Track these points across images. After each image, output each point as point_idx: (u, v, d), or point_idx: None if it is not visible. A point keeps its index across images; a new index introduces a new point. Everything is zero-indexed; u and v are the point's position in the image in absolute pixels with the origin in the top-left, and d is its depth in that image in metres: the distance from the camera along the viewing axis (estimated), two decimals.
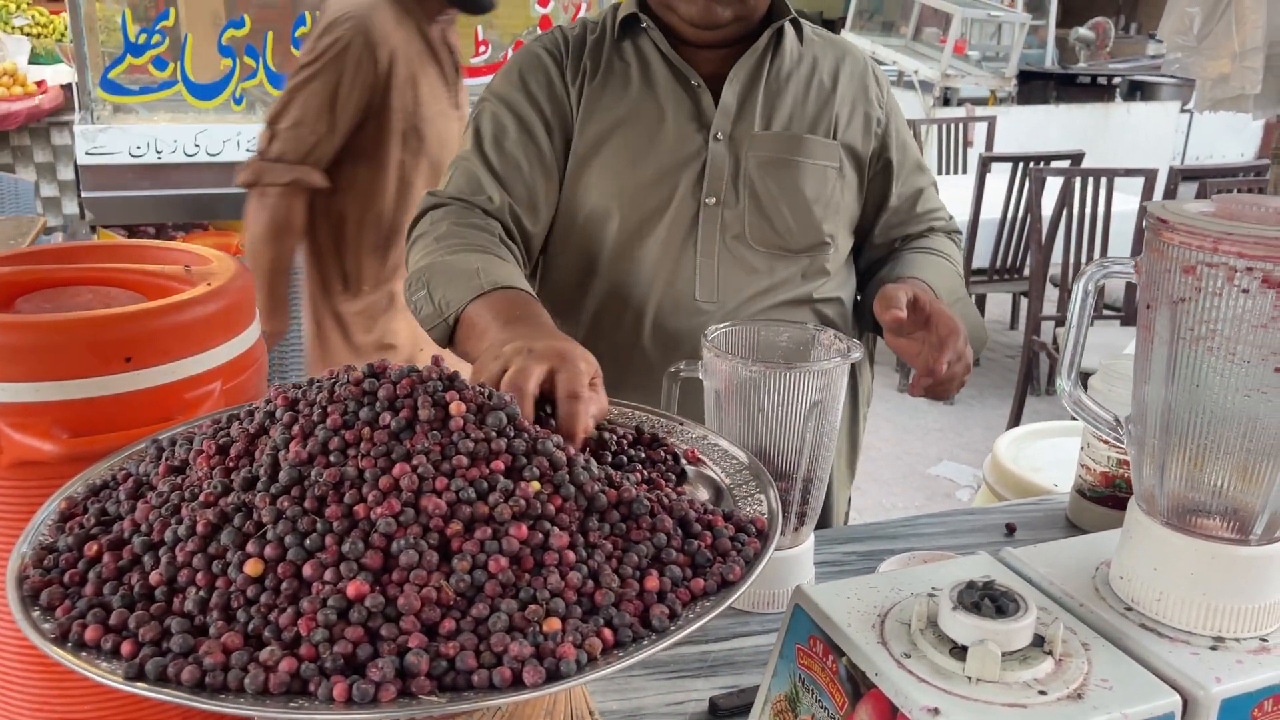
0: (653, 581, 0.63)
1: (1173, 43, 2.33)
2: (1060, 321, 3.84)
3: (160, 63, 2.73)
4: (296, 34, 2.84)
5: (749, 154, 1.27)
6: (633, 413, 0.92)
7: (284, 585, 0.59)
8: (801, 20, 1.36)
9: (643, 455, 0.84)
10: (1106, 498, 1.18)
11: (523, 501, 0.64)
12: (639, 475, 0.78)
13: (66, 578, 0.63)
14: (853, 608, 0.71)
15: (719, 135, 1.27)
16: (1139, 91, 8.46)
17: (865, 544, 1.17)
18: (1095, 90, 8.21)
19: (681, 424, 0.90)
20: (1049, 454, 1.75)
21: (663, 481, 0.80)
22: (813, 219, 1.29)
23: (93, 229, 2.77)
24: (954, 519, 1.25)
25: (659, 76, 1.29)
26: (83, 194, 2.76)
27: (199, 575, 0.60)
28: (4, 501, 0.86)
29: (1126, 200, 3.88)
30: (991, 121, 5.39)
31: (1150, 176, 3.75)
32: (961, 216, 4.11)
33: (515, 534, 0.62)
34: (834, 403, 0.96)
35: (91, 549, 0.65)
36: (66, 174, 5.05)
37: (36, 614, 0.60)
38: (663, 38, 1.29)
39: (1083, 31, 9.01)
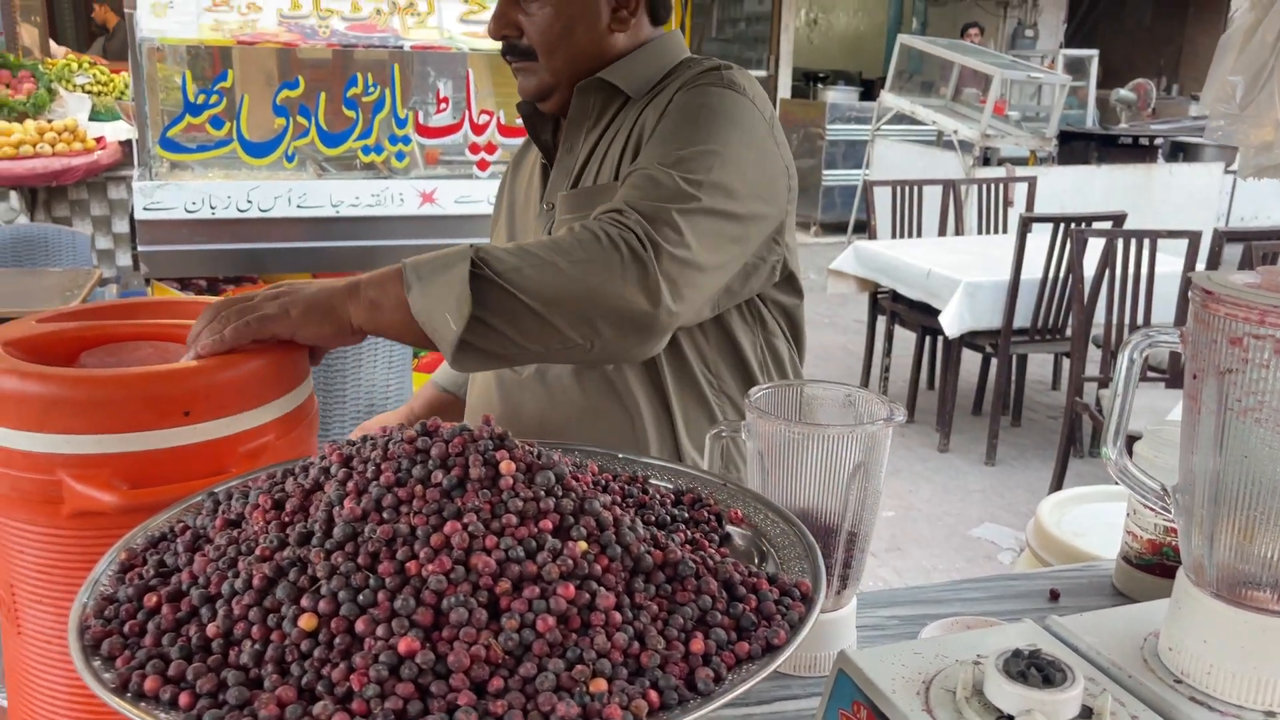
0: (698, 644, 0.63)
1: (1215, 110, 2.33)
2: (1103, 383, 3.80)
3: (217, 122, 2.82)
4: (348, 94, 2.92)
5: (559, 216, 1.29)
6: (675, 472, 0.93)
7: (337, 640, 0.60)
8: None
9: (685, 516, 0.85)
10: (1154, 566, 1.17)
11: (570, 561, 0.65)
12: (682, 536, 0.79)
13: (126, 628, 0.65)
14: (897, 673, 0.70)
15: (548, 204, 1.32)
16: (1181, 152, 8.44)
17: (907, 608, 1.16)
18: (1137, 151, 8.20)
19: (724, 484, 0.91)
20: (1093, 519, 1.72)
21: (706, 542, 0.80)
22: None
23: (147, 281, 2.85)
24: (997, 584, 1.24)
25: (536, 165, 1.39)
26: (139, 248, 2.83)
27: (255, 629, 0.62)
28: (64, 551, 0.88)
29: (1170, 262, 3.85)
30: (1032, 182, 5.39)
31: (1194, 239, 3.72)
32: (1002, 276, 4.10)
33: (563, 593, 0.63)
34: (877, 465, 0.96)
35: (151, 600, 0.66)
36: (121, 227, 5.19)
37: (98, 664, 0.62)
38: (545, 119, 1.34)
39: (1124, 93, 9.02)
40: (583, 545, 0.67)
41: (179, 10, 2.78)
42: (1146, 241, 3.71)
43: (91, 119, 5.29)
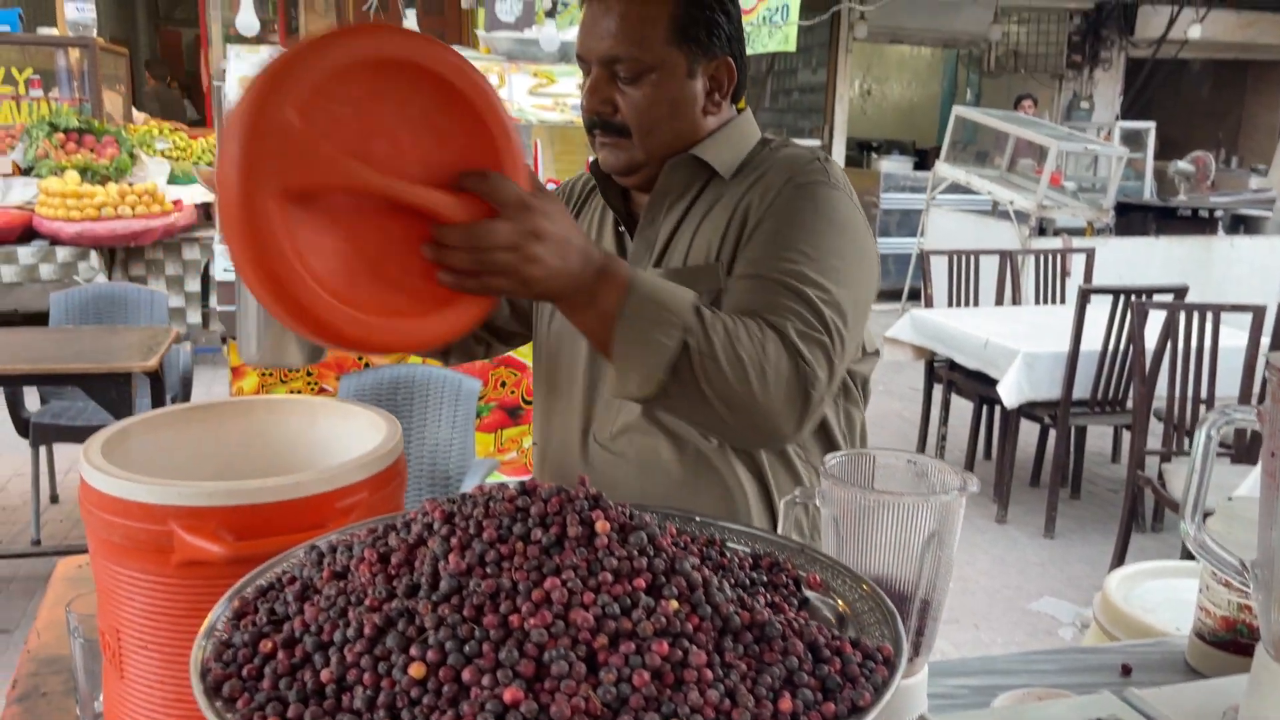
0: (786, 703, 0.66)
1: None
2: (1165, 457, 3.74)
3: None
4: None
5: None
6: (751, 536, 0.95)
7: (445, 688, 0.63)
8: (764, 147, 1.32)
9: (764, 579, 0.87)
10: (1228, 643, 1.16)
11: (663, 619, 0.68)
12: (764, 599, 0.81)
13: (245, 672, 0.68)
14: None
15: None
16: (1242, 225, 8.35)
17: (977, 678, 1.17)
18: (1196, 223, 8.12)
19: (801, 549, 0.93)
20: (1162, 594, 1.70)
21: (785, 606, 0.82)
22: None
23: (223, 340, 2.95)
24: (1067, 657, 1.24)
25: (608, 223, 1.39)
26: (217, 307, 2.94)
27: (366, 675, 0.65)
28: (170, 599, 0.93)
29: (1234, 335, 3.81)
30: (1090, 252, 5.38)
31: (1259, 312, 3.68)
32: (1060, 347, 4.08)
33: (657, 650, 0.65)
34: (950, 534, 0.98)
35: (266, 646, 0.70)
36: (193, 286, 5.37)
37: (219, 704, 0.65)
38: (614, 187, 1.35)
39: (1182, 165, 8.98)
40: (674, 604, 0.69)
41: None
42: (1210, 314, 3.68)
43: (169, 183, 5.51)
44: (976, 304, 5.15)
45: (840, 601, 0.86)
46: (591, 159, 1.37)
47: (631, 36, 1.22)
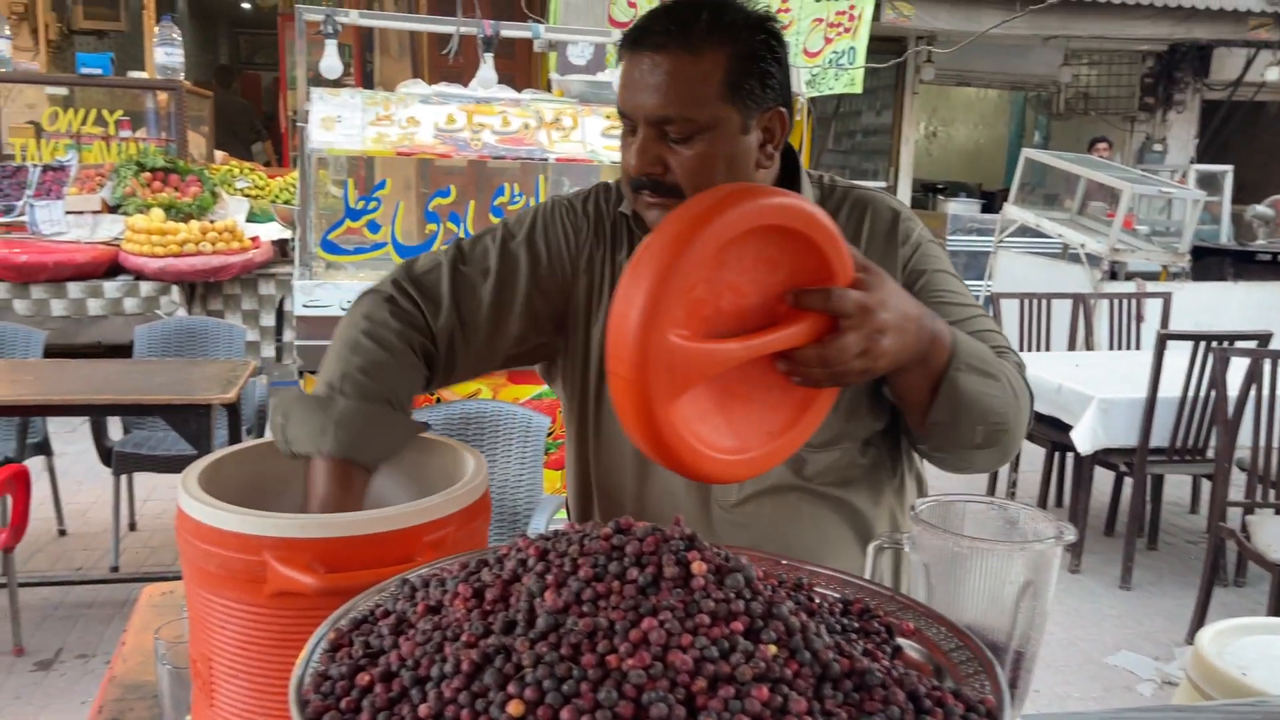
0: None
1: None
2: (1249, 508, 3.62)
3: (374, 226, 3.01)
4: (495, 202, 3.08)
5: None
6: (841, 581, 0.94)
7: None
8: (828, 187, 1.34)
9: (855, 626, 0.85)
10: None
11: (762, 664, 0.67)
12: (860, 646, 0.80)
13: (343, 704, 0.69)
14: None
15: None
16: None
17: None
18: (1275, 268, 7.91)
19: (892, 596, 0.91)
20: (1258, 652, 1.64)
21: (879, 654, 0.81)
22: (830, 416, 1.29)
23: (300, 374, 3.01)
24: (1163, 715, 1.20)
25: (605, 255, 1.33)
26: (296, 342, 3.01)
27: (464, 712, 0.65)
28: (262, 629, 0.94)
29: None
30: (1167, 298, 5.26)
31: None
32: (1136, 393, 3.98)
33: (757, 695, 0.65)
34: (1046, 584, 0.96)
35: (364, 679, 0.71)
36: (267, 320, 5.50)
37: None
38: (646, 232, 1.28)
39: (1260, 209, 8.77)
40: (773, 649, 0.69)
41: (345, 124, 3.00)
42: None
43: (248, 220, 5.67)
44: (1048, 348, 5.06)
45: (934, 651, 0.84)
46: (628, 209, 1.31)
47: (683, 96, 1.15)
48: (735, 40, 1.16)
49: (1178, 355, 3.94)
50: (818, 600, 0.87)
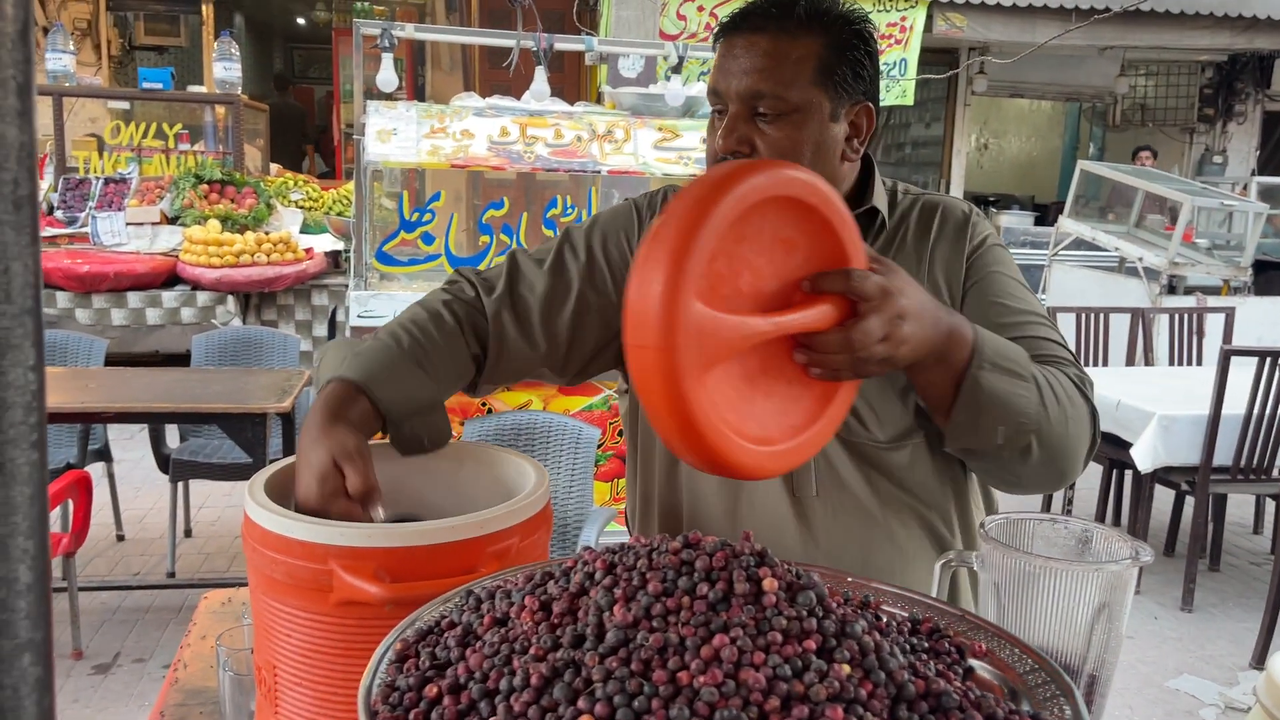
0: None
1: None
2: None
3: (428, 237, 3.03)
4: (548, 214, 3.10)
5: None
6: (908, 600, 0.92)
7: None
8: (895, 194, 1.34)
9: (925, 646, 0.84)
10: None
11: (836, 684, 0.65)
12: (931, 668, 0.78)
13: (411, 716, 0.69)
14: None
15: None
16: None
17: None
18: None
19: (962, 616, 0.89)
20: None
21: (950, 675, 0.79)
22: (897, 408, 1.26)
23: None
24: None
25: None
26: None
27: None
28: (327, 637, 0.94)
29: None
30: (1230, 312, 5.14)
31: None
32: (1198, 410, 3.89)
33: (831, 715, 0.63)
34: (1121, 606, 0.93)
35: (432, 691, 0.70)
36: (320, 330, 5.57)
37: None
38: None
39: None
40: (846, 668, 0.67)
41: (400, 137, 3.03)
42: None
43: (302, 232, 5.75)
44: (1106, 363, 4.96)
45: (1008, 673, 0.82)
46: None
47: (778, 74, 1.18)
48: (830, 30, 1.20)
49: (1241, 372, 3.85)
50: (885, 619, 0.86)
